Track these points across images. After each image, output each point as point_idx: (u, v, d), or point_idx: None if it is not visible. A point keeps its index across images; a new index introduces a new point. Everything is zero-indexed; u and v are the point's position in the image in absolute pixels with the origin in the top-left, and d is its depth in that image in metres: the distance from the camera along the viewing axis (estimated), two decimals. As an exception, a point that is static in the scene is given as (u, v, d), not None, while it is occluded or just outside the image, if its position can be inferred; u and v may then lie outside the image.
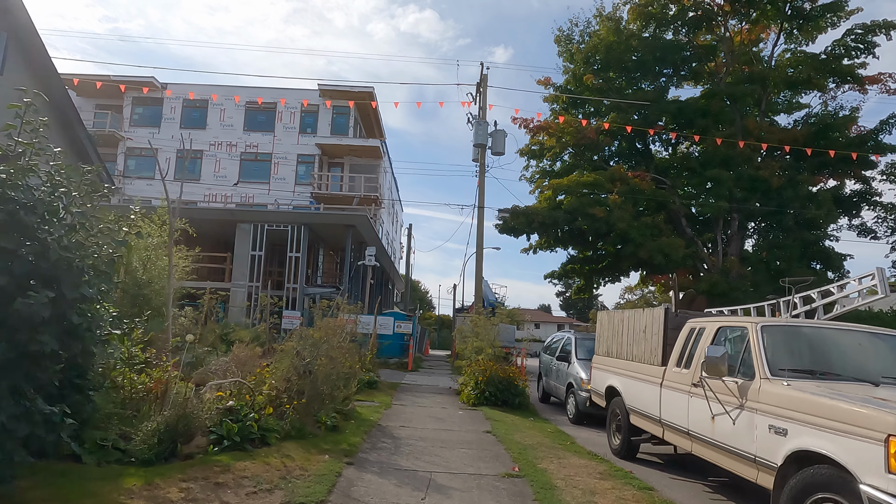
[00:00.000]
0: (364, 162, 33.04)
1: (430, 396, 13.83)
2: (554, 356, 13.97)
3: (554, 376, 13.65)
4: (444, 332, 71.77)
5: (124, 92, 29.65)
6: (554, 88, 29.59)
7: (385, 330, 22.43)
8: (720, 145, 25.03)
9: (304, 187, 31.89)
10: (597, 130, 27.63)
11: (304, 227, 23.88)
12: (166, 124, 32.53)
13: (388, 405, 11.77)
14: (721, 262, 25.96)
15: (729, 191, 25.23)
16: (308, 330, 9.62)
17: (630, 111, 27.29)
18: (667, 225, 26.14)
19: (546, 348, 15.27)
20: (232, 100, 32.54)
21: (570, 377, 12.30)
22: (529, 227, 26.16)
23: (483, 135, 22.68)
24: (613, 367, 9.06)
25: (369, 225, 24.11)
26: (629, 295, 58.93)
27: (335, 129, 32.54)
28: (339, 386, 9.21)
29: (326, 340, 8.80)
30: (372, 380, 13.78)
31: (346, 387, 10.00)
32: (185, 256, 14.39)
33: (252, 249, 24.00)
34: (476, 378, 12.86)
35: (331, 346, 8.98)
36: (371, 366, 14.84)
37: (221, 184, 31.69)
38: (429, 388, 15.73)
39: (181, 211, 23.65)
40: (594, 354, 10.24)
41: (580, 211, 25.00)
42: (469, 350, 14.57)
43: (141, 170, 32.12)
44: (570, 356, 12.71)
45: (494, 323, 14.77)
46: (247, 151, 32.50)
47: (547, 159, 29.38)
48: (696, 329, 6.99)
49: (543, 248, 29.34)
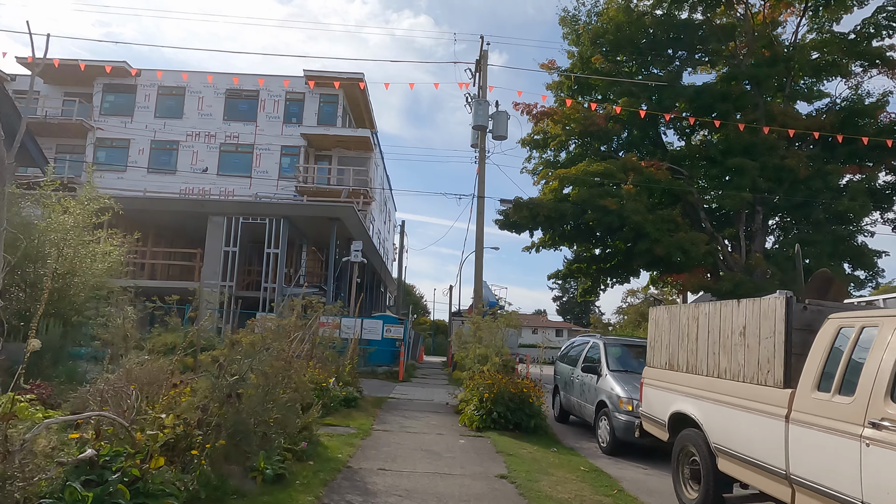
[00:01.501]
0: (354, 154, 30.23)
1: (422, 416, 10.97)
2: (575, 366, 11.15)
3: (576, 391, 10.82)
4: (440, 338, 68.75)
5: (84, 70, 26.63)
6: (559, 73, 26.89)
7: (373, 335, 19.56)
8: (742, 132, 22.38)
9: (289, 181, 29.04)
10: (606, 117, 24.92)
11: (283, 221, 21.03)
12: (140, 113, 29.65)
13: (368, 432, 8.90)
14: (744, 259, 23.23)
15: (753, 181, 22.53)
16: (252, 332, 6.81)
17: (642, 97, 24.61)
18: (684, 219, 23.37)
19: (563, 357, 12.42)
20: (211, 87, 29.77)
21: (601, 394, 9.48)
22: (533, 221, 23.36)
23: (483, 116, 19.95)
24: (684, 386, 6.24)
25: (356, 218, 21.29)
26: (632, 298, 56.11)
27: (322, 119, 29.73)
28: (290, 414, 6.36)
29: (267, 348, 5.95)
30: (350, 396, 10.90)
31: (306, 412, 7.17)
32: (121, 244, 11.51)
33: (225, 245, 21.14)
34: (480, 394, 10.02)
35: (276, 356, 6.13)
36: (351, 378, 11.98)
37: (199, 177, 28.80)
38: (421, 405, 12.86)
39: (144, 201, 20.76)
40: (647, 366, 7.41)
41: (590, 203, 22.22)
42: (470, 359, 11.73)
43: (112, 161, 29.19)
44: (600, 367, 9.89)
45: (501, 325, 11.91)
46: (227, 142, 29.64)
47: (551, 149, 26.60)
48: (854, 329, 4.21)
49: (547, 246, 26.53)
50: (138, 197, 22.50)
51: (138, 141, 29.17)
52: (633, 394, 8.70)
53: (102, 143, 29.46)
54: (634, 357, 10.13)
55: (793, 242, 24.09)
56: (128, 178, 28.72)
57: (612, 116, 25.10)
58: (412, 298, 79.61)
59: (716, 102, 23.59)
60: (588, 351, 10.91)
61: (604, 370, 9.73)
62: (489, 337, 11.82)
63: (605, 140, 25.93)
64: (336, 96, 29.84)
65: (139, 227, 23.99)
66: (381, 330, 19.58)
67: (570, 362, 11.67)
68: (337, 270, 22.62)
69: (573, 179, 23.11)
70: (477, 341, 12.25)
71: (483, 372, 10.45)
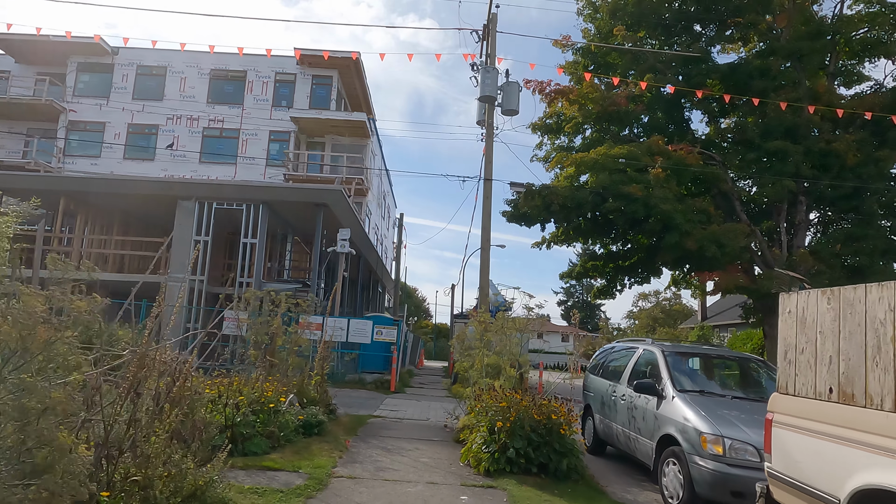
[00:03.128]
0: (348, 141, 27.27)
1: (410, 448, 7.92)
2: (618, 381, 8.10)
3: (621, 417, 7.76)
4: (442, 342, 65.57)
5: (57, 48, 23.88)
6: (573, 52, 23.91)
7: (361, 337, 16.52)
8: (784, 112, 19.37)
9: (278, 169, 26.11)
10: (628, 97, 21.93)
11: (262, 207, 18.06)
12: (116, 94, 26.79)
13: (322, 482, 5.82)
14: (786, 255, 20.13)
15: (796, 168, 19.48)
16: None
17: (668, 74, 21.64)
18: (716, 210, 20.30)
19: (597, 368, 9.34)
20: (195, 67, 26.94)
21: (666, 425, 6.43)
22: (546, 211, 20.29)
23: (492, 85, 16.98)
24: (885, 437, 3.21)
25: (345, 203, 18.30)
26: (643, 302, 52.87)
27: (315, 103, 26.82)
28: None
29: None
30: (313, 420, 7.83)
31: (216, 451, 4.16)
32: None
33: (196, 234, 18.17)
34: (490, 421, 6.98)
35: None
36: (318, 393, 8.94)
37: (180, 164, 25.90)
38: (412, 427, 9.80)
39: (101, 183, 17.82)
40: (778, 393, 4.37)
41: (612, 190, 19.17)
42: (476, 369, 8.69)
43: (86, 147, 26.32)
44: (661, 385, 6.84)
45: (518, 327, 8.84)
46: (210, 127, 26.75)
47: (565, 134, 23.59)
48: None
49: (560, 242, 23.50)
50: (94, 177, 19.60)
51: (114, 124, 26.32)
52: (726, 429, 5.68)
53: (76, 127, 26.59)
54: (711, 372, 7.11)
55: (839, 238, 21.03)
56: (102, 164, 25.88)
57: (634, 96, 22.11)
58: (414, 301, 76.60)
59: (753, 80, 20.55)
60: (638, 362, 7.86)
61: (668, 390, 6.68)
62: (501, 342, 8.78)
63: (625, 123, 22.88)
64: (330, 78, 26.95)
65: (104, 215, 21.17)
66: (370, 332, 16.53)
67: (610, 376, 8.61)
68: (324, 264, 19.61)
69: (592, 164, 20.02)
70: (484, 347, 9.21)
71: (494, 390, 7.41)
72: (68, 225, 19.93)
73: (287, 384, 8.54)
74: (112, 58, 26.91)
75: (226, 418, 6.53)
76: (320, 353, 9.19)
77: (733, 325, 32.70)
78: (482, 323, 9.18)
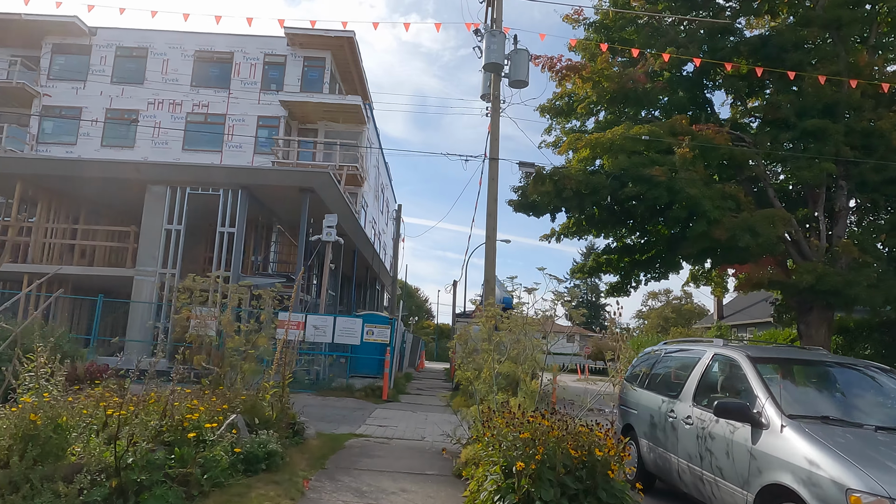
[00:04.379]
0: (343, 128, 25.09)
1: (394, 492, 5.68)
2: (676, 397, 5.89)
3: (685, 446, 5.51)
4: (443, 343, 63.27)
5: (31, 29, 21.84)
6: (585, 28, 21.71)
7: (349, 338, 14.28)
8: (823, 87, 17.17)
9: (267, 157, 23.96)
10: (648, 74, 19.73)
11: (241, 192, 15.89)
12: (94, 77, 24.68)
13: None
14: (826, 246, 17.89)
15: (836, 149, 17.23)
16: None
17: (690, 48, 19.41)
18: (746, 197, 18.05)
19: (639, 377, 7.10)
20: (178, 49, 24.84)
21: (775, 469, 4.19)
22: (558, 198, 18.01)
23: (498, 52, 14.81)
24: None
25: (334, 188, 16.14)
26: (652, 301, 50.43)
27: (306, 86, 24.67)
28: None
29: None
30: (259, 451, 5.59)
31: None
32: None
33: (168, 223, 16.03)
34: (507, 459, 4.76)
35: None
36: (276, 410, 6.72)
37: (161, 152, 23.76)
38: (402, 455, 7.54)
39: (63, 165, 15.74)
40: None
41: (632, 173, 16.93)
42: (484, 381, 6.47)
43: (60, 134, 24.23)
44: (759, 408, 4.62)
45: (540, 327, 6.62)
46: (195, 112, 24.62)
47: (578, 115, 21.37)
48: None
49: (571, 234, 21.29)
50: (50, 159, 17.47)
51: (91, 110, 24.22)
52: (890, 482, 3.47)
53: (50, 112, 24.49)
54: (821, 388, 4.90)
55: (883, 227, 18.79)
56: (79, 151, 23.77)
57: (653, 72, 19.91)
58: (415, 301, 74.42)
59: (786, 53, 18.32)
60: (707, 371, 5.64)
61: (770, 416, 4.46)
62: (518, 344, 6.56)
63: (642, 104, 20.61)
64: (322, 60, 24.81)
65: (69, 202, 19.02)
66: (360, 332, 14.29)
67: (661, 388, 6.40)
68: (312, 255, 17.43)
69: (609, 146, 17.77)
70: (493, 350, 6.99)
71: (510, 411, 5.19)
72: (28, 214, 17.80)
73: (234, 399, 6.35)
74: (89, 39, 24.82)
75: (116, 458, 4.35)
76: (277, 357, 6.96)
77: (753, 325, 30.42)
78: (491, 318, 6.95)
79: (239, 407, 6.23)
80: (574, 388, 18.50)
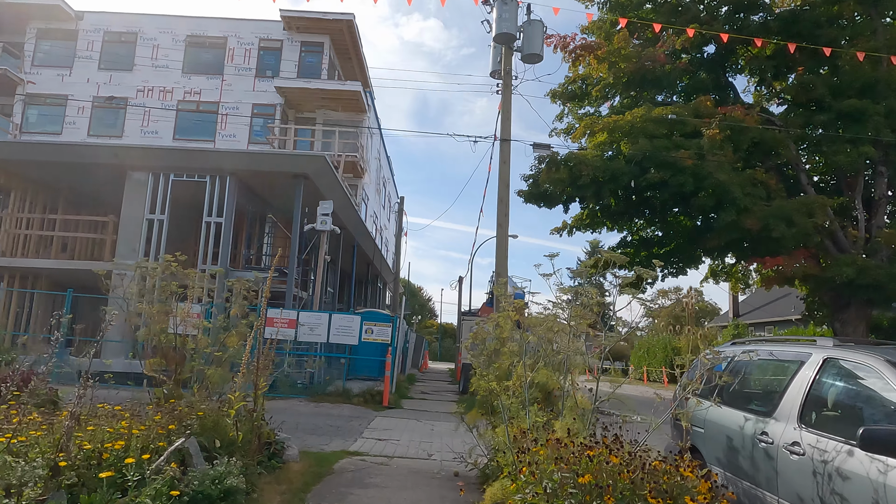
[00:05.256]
0: (342, 116, 23.64)
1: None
2: (771, 415, 4.41)
3: (787, 482, 4.03)
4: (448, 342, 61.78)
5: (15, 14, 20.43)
6: (600, 7, 20.20)
7: (346, 337, 12.81)
8: (861, 64, 15.68)
9: (262, 146, 22.50)
10: (669, 53, 18.28)
11: (229, 179, 14.46)
12: (81, 64, 23.26)
13: None
14: (865, 237, 16.38)
15: (876, 131, 15.74)
16: None
17: (714, 26, 17.91)
18: (777, 185, 16.56)
19: (715, 391, 5.61)
20: (168, 33, 23.43)
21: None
22: (574, 186, 16.61)
23: (510, 22, 13.31)
24: None
25: (330, 174, 14.68)
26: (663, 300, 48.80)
27: (304, 72, 23.22)
28: None
29: None
30: (212, 490, 4.16)
31: None
32: None
33: (150, 212, 14.61)
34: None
35: None
36: (245, 429, 5.25)
37: (151, 141, 22.32)
38: (404, 482, 6.01)
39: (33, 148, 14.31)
40: None
41: (654, 158, 15.49)
42: (515, 395, 4.98)
43: (45, 123, 22.82)
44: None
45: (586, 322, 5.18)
46: (186, 100, 23.18)
47: (593, 98, 19.91)
48: None
49: (585, 226, 19.83)
50: (15, 142, 16.06)
51: (78, 97, 22.79)
52: None
53: (34, 100, 23.07)
54: None
55: (925, 217, 17.26)
56: (64, 140, 22.28)
57: (673, 51, 18.45)
58: (418, 300, 72.95)
59: (819, 28, 16.83)
60: (817, 382, 4.16)
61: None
62: (548, 344, 5.08)
63: (662, 87, 19.13)
64: (321, 45, 23.36)
65: (44, 191, 17.58)
66: (358, 330, 12.81)
67: (743, 403, 4.92)
68: (307, 247, 15.98)
69: (628, 129, 16.30)
70: (515, 355, 5.50)
71: (557, 440, 3.71)
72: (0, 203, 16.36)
73: (188, 416, 4.88)
74: (76, 23, 23.41)
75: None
76: (245, 358, 5.47)
77: (772, 323, 28.86)
78: (517, 311, 5.47)
79: (198, 425, 4.76)
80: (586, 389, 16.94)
